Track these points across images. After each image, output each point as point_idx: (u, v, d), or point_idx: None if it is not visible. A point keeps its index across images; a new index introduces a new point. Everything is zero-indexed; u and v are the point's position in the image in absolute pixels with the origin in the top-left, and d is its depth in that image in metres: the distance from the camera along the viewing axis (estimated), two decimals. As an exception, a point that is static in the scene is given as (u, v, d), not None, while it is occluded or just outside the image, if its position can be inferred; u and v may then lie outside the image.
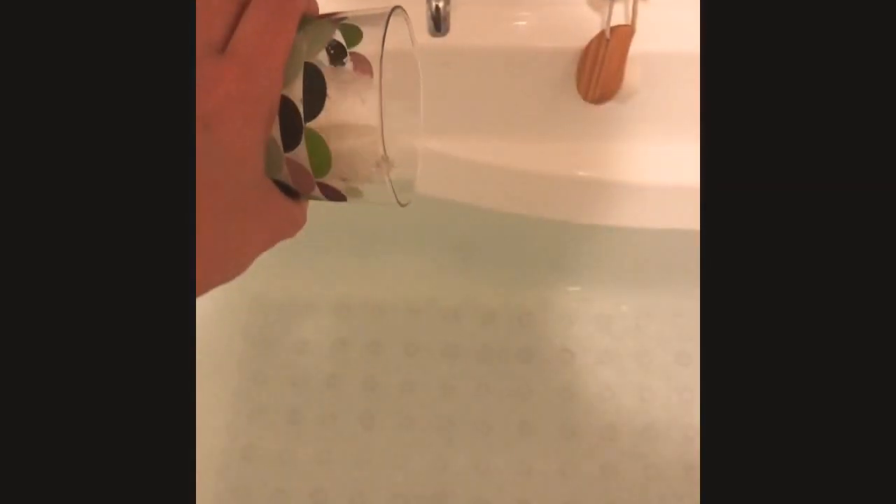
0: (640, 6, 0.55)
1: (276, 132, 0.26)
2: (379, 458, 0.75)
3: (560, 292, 0.82)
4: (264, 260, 0.27)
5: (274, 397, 0.78)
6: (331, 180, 0.27)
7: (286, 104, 0.26)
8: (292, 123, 0.26)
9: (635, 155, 0.65)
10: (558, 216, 0.69)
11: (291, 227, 0.28)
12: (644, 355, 0.79)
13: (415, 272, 0.82)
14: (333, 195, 0.28)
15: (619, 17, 0.56)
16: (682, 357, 0.79)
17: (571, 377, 0.78)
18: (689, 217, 0.63)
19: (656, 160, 0.64)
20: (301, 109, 0.26)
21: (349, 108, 0.26)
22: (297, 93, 0.26)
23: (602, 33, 0.55)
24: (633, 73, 0.55)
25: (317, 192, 0.28)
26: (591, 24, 0.57)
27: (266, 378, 0.78)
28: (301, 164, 0.27)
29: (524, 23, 0.59)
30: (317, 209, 0.30)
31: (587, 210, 0.68)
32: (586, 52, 0.56)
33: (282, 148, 0.26)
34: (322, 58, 0.26)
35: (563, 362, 0.79)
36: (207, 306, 0.78)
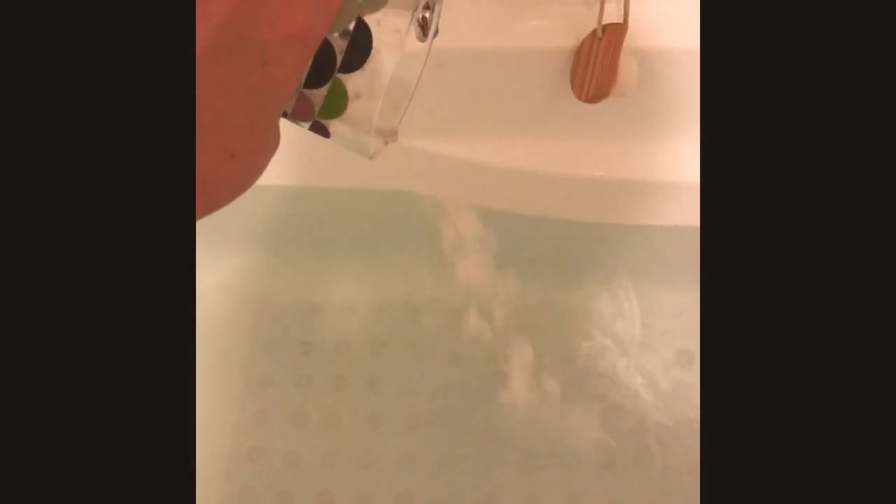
0: (634, 3, 0.54)
1: None
2: (385, 459, 0.75)
3: (562, 291, 0.82)
4: (268, 262, 0.27)
5: (279, 399, 0.78)
6: (328, 122, 0.28)
7: (325, 47, 0.26)
8: (324, 67, 0.26)
9: (636, 152, 0.65)
10: (558, 215, 0.69)
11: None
12: (648, 353, 0.79)
13: (417, 273, 0.82)
14: (319, 131, 0.28)
15: (615, 15, 0.56)
16: (686, 355, 0.79)
17: (574, 376, 0.78)
18: (690, 214, 0.63)
19: (657, 157, 0.64)
20: (339, 59, 0.26)
21: (386, 74, 0.26)
22: (340, 42, 0.26)
23: (594, 32, 0.55)
24: (628, 71, 0.55)
25: (307, 124, 0.28)
26: (585, 23, 0.57)
27: (271, 380, 0.79)
28: (312, 101, 0.27)
29: (518, 23, 0.59)
30: (320, 213, 0.30)
31: (587, 208, 0.67)
32: (579, 51, 0.56)
33: (302, 83, 0.26)
34: (376, 16, 0.26)
35: (566, 361, 0.79)
36: (211, 308, 0.78)
